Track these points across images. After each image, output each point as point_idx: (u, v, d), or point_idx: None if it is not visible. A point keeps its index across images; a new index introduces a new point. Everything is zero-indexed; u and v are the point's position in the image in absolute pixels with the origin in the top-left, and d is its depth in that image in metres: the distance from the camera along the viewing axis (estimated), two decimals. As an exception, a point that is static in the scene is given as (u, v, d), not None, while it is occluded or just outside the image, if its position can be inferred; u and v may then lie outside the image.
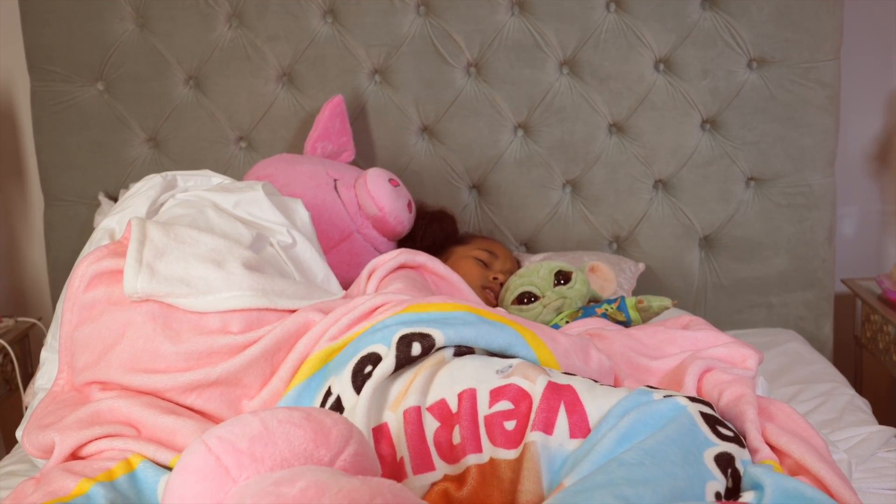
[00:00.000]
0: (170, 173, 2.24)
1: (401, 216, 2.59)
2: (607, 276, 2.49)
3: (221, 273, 1.84)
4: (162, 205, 2.16)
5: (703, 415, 1.48)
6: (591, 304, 2.39)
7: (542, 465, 1.45)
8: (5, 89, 3.20)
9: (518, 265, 2.75)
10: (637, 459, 1.34)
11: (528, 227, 3.00)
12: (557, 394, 1.54)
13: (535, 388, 1.56)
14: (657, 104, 2.92)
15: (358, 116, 2.96)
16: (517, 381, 1.59)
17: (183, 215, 2.05)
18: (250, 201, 2.13)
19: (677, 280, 2.99)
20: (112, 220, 2.14)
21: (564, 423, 1.51)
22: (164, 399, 1.76)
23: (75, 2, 2.91)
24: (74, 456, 1.70)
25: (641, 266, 2.86)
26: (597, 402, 1.53)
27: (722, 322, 2.99)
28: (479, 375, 1.62)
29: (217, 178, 2.27)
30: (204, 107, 2.97)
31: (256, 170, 2.67)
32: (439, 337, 1.68)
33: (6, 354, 2.83)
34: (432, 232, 2.74)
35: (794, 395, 2.44)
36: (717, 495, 1.36)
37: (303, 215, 2.20)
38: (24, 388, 2.71)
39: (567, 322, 2.29)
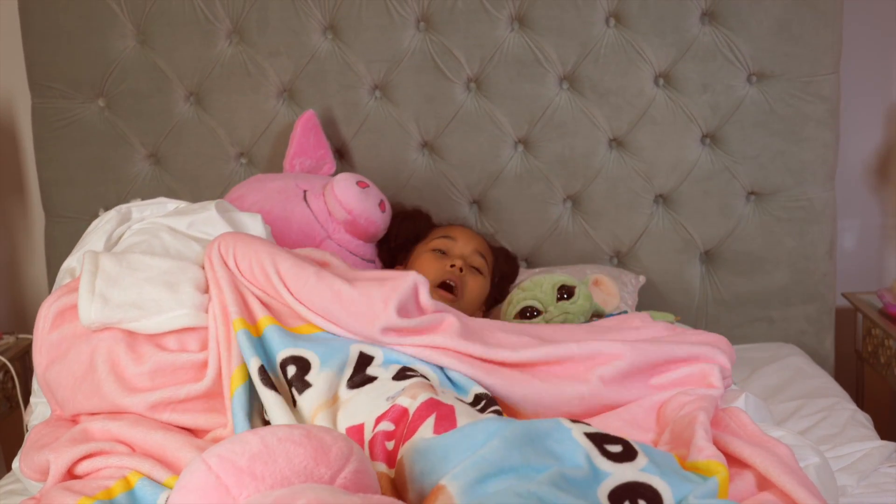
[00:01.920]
0: (124, 206, 2.28)
1: (372, 216, 2.59)
2: (610, 290, 2.48)
3: (173, 294, 1.89)
4: (120, 237, 2.18)
5: (588, 435, 1.47)
6: (594, 318, 2.39)
7: (410, 475, 1.47)
8: (6, 106, 3.20)
9: (485, 245, 2.63)
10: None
11: (528, 242, 3.00)
12: (433, 408, 1.56)
13: (414, 402, 1.58)
14: (657, 119, 2.93)
15: (358, 132, 2.96)
16: (400, 400, 1.62)
17: (138, 242, 2.09)
18: (204, 221, 2.16)
19: (678, 295, 2.99)
20: (73, 260, 2.18)
21: (430, 425, 1.53)
22: (146, 417, 1.79)
23: (76, 18, 2.92)
24: (72, 475, 1.71)
25: (642, 279, 2.86)
26: (474, 417, 1.54)
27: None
28: (369, 408, 1.66)
29: (172, 204, 2.31)
30: (204, 123, 2.98)
31: (230, 193, 2.70)
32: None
33: (6, 371, 2.83)
34: (404, 230, 2.68)
35: (795, 410, 2.43)
36: None
37: (257, 230, 2.22)
38: (25, 406, 2.71)
39: None
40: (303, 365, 1.76)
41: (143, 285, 1.89)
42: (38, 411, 2.14)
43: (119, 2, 2.92)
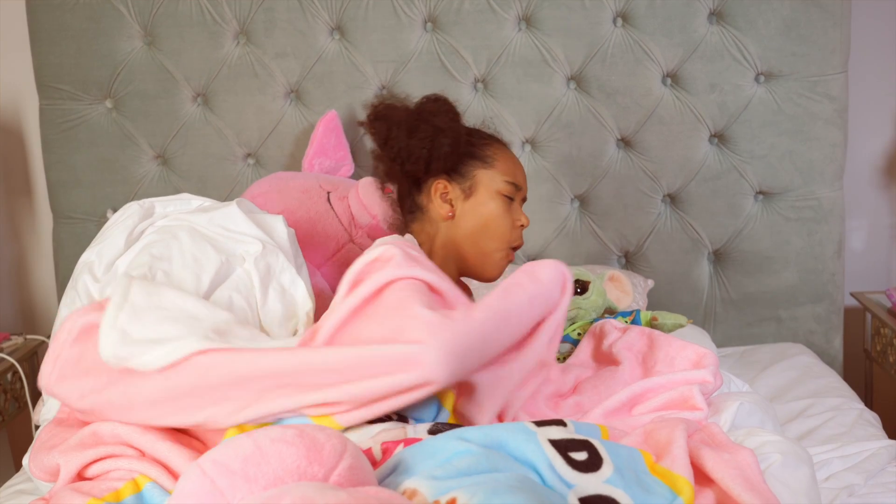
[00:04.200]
0: (147, 201, 2.22)
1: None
2: (625, 287, 2.48)
3: (176, 330, 1.78)
4: (142, 233, 2.15)
5: (553, 442, 1.45)
6: (606, 315, 2.38)
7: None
8: (14, 108, 3.21)
9: None
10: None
11: (536, 242, 3.00)
12: (398, 443, 1.54)
13: (378, 441, 1.56)
14: (665, 118, 2.92)
15: (366, 133, 2.95)
16: (365, 443, 1.58)
17: (155, 241, 2.05)
18: (224, 216, 2.13)
19: (686, 294, 2.99)
20: (91, 253, 2.13)
21: (400, 447, 1.51)
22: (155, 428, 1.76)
23: (84, 20, 2.92)
24: (81, 477, 1.71)
25: (650, 282, 2.85)
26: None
27: (731, 336, 2.98)
28: None
29: (197, 201, 2.25)
30: (212, 124, 2.98)
31: (252, 189, 2.68)
32: None
33: (15, 372, 2.84)
34: (439, 146, 2.09)
35: (803, 409, 2.43)
36: None
37: (281, 231, 2.18)
38: (34, 406, 2.72)
39: (579, 333, 2.28)
40: None
41: (162, 324, 1.79)
42: (49, 404, 2.13)
43: (126, 3, 2.93)
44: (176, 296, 1.87)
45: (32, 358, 2.98)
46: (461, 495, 1.25)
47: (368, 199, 2.56)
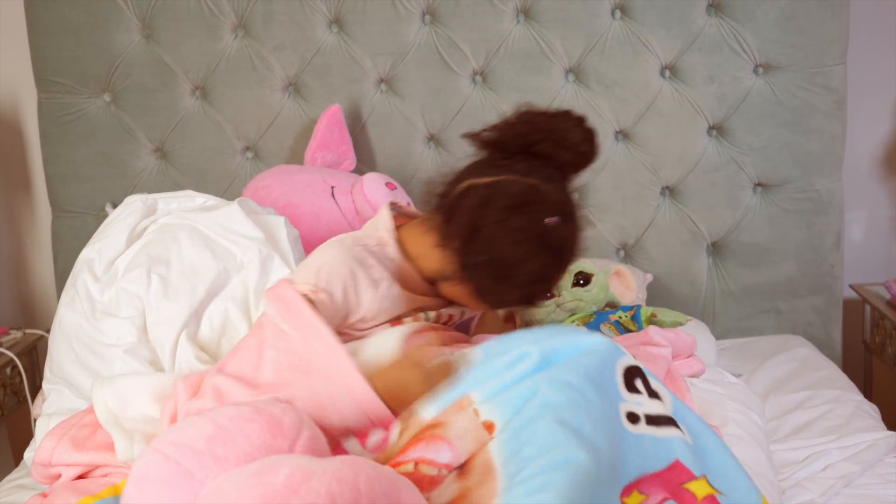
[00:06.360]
0: (150, 197, 2.21)
1: None
2: (629, 284, 2.48)
3: None
4: (144, 230, 2.14)
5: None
6: (607, 308, 2.38)
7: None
8: (12, 101, 3.20)
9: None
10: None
11: (535, 234, 2.99)
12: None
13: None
14: (663, 111, 2.92)
15: (364, 125, 2.96)
16: None
17: (155, 241, 2.05)
18: (225, 215, 2.12)
19: (685, 287, 2.98)
20: (92, 250, 2.12)
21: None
22: None
23: (81, 13, 2.92)
24: (80, 475, 1.72)
25: (649, 276, 2.85)
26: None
27: (730, 329, 2.98)
28: None
29: (201, 199, 2.24)
30: (210, 117, 2.98)
31: (255, 182, 2.69)
32: None
33: (14, 366, 2.84)
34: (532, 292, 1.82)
35: (802, 401, 2.44)
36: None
37: (283, 234, 2.16)
38: (32, 400, 2.72)
39: (578, 325, 2.29)
40: None
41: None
42: (50, 399, 2.13)
43: (124, -4, 2.93)
44: (145, 387, 1.81)
45: (31, 352, 2.98)
46: (498, 421, 1.38)
47: (373, 194, 2.56)
